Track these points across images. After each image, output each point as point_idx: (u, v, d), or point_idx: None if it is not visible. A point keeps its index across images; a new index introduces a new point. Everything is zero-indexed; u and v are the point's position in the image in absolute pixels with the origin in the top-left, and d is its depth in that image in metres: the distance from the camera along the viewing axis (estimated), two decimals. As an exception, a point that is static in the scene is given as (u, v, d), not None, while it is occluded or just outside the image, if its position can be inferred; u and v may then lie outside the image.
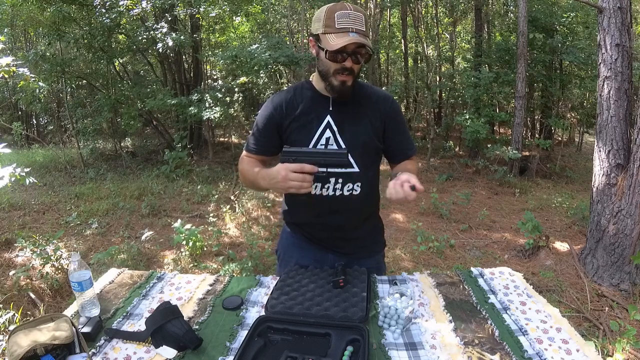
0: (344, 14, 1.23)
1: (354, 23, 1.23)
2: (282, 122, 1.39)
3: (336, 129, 1.36)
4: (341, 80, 1.28)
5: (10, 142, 9.20)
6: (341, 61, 1.27)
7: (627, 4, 3.55)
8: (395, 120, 1.43)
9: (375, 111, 1.40)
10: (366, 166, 1.40)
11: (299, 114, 1.38)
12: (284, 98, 1.41)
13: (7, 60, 3.01)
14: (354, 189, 1.39)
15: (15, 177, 2.73)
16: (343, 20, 1.23)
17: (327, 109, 1.37)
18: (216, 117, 7.39)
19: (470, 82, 8.49)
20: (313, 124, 1.37)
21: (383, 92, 1.46)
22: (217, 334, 1.15)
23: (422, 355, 1.07)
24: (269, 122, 1.40)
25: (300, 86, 1.44)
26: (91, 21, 8.00)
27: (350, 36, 1.21)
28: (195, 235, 3.98)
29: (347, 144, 1.36)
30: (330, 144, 1.36)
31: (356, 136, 1.37)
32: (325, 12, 1.25)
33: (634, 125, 3.41)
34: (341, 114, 1.37)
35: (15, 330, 1.01)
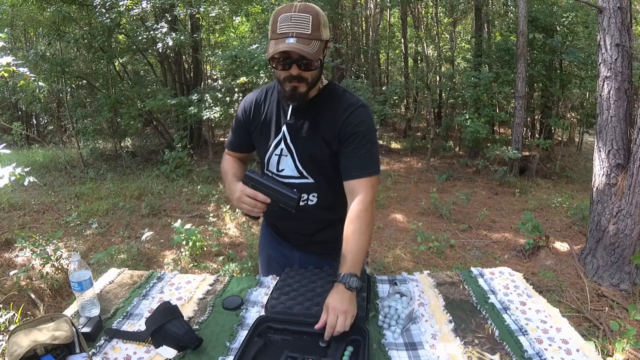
0: (285, 17, 1.14)
1: (295, 27, 1.13)
2: (249, 124, 1.41)
3: (290, 141, 1.33)
4: (292, 86, 1.21)
5: (10, 142, 9.21)
6: (284, 69, 1.19)
7: (627, 4, 3.55)
8: (349, 132, 1.26)
9: (332, 123, 1.28)
10: (321, 177, 1.34)
11: (262, 121, 1.37)
12: (253, 99, 1.40)
13: (7, 60, 3.01)
14: (309, 199, 1.37)
15: (15, 176, 2.73)
16: (284, 24, 1.14)
17: (285, 119, 1.32)
18: (216, 117, 7.39)
19: (470, 82, 8.50)
20: (271, 134, 1.36)
21: (348, 100, 1.30)
22: (217, 334, 1.15)
23: (422, 355, 1.07)
24: (239, 122, 1.43)
25: (272, 88, 1.39)
26: (91, 21, 8.00)
27: (286, 42, 1.12)
28: (195, 235, 3.98)
29: (299, 156, 1.32)
30: (285, 154, 1.34)
31: (307, 149, 1.31)
32: (272, 16, 1.18)
33: (634, 125, 3.41)
34: (297, 125, 1.32)
35: (15, 330, 1.01)
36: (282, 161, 1.34)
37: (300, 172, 1.34)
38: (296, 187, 1.33)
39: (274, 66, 1.20)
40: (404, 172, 8.46)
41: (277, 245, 1.57)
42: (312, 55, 1.13)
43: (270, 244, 1.61)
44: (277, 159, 1.35)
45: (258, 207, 1.26)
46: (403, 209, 5.84)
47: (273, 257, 1.60)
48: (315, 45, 1.15)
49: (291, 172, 1.34)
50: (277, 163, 1.35)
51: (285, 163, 1.34)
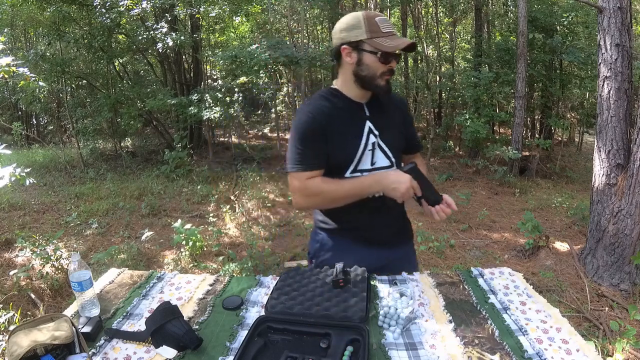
0: (383, 19, 1.31)
1: (392, 27, 1.33)
2: (326, 132, 1.37)
3: (377, 133, 1.43)
4: (387, 79, 1.37)
5: (10, 142, 9.21)
6: (389, 63, 1.34)
7: (627, 4, 3.55)
8: (408, 115, 1.58)
9: (397, 110, 1.52)
10: (397, 161, 1.51)
11: (340, 125, 1.38)
12: (319, 107, 1.39)
13: (7, 60, 3.01)
14: None
15: (15, 177, 2.73)
16: (386, 25, 1.31)
17: (365, 115, 1.44)
18: (216, 117, 7.40)
19: (470, 82, 8.49)
20: (356, 132, 1.41)
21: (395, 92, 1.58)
22: (217, 334, 1.15)
23: (422, 355, 1.07)
24: (315, 132, 1.37)
25: (330, 94, 1.43)
26: (91, 21, 8.01)
27: (402, 38, 1.31)
28: (195, 235, 3.98)
29: (388, 146, 1.45)
30: (376, 147, 1.43)
31: (393, 137, 1.47)
32: (364, 19, 1.30)
33: (634, 125, 3.41)
34: (377, 118, 1.45)
35: (15, 330, 1.01)
36: (375, 154, 1.44)
37: (390, 160, 1.46)
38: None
39: (383, 61, 1.32)
40: (404, 172, 8.44)
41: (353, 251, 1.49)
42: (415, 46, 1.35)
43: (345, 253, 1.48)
44: (371, 154, 1.42)
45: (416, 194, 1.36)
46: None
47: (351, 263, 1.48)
48: None
49: (383, 163, 1.45)
50: (372, 158, 1.43)
51: (377, 156, 1.44)
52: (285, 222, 5.22)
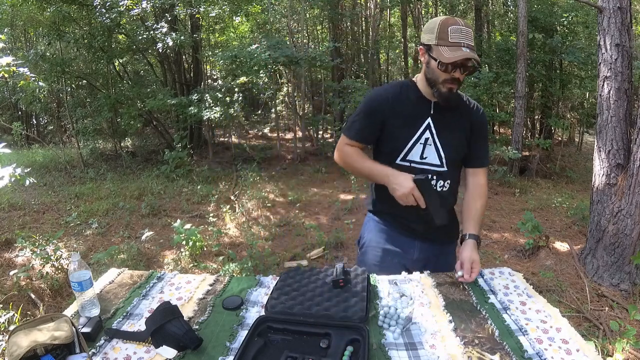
0: (456, 29, 1.35)
1: (466, 38, 1.35)
2: (388, 115, 1.52)
3: (434, 131, 1.51)
4: (448, 87, 1.42)
5: (10, 142, 9.20)
6: (452, 72, 1.39)
7: (627, 4, 3.55)
8: (479, 129, 1.56)
9: (467, 118, 1.55)
10: (454, 166, 1.56)
11: (404, 112, 1.51)
12: (392, 93, 1.53)
13: (7, 60, 3.01)
14: (444, 186, 1.55)
15: (15, 177, 2.73)
16: (456, 35, 1.35)
17: (429, 112, 1.51)
18: (216, 117, 7.40)
19: (470, 82, 8.49)
20: (415, 124, 1.51)
21: (472, 101, 1.60)
22: (217, 334, 1.15)
23: (422, 355, 1.07)
24: (376, 112, 1.53)
25: (406, 85, 1.55)
26: (91, 21, 8.01)
27: (463, 51, 1.34)
28: (195, 235, 3.98)
29: (443, 145, 1.51)
30: (429, 143, 1.51)
31: (451, 139, 1.52)
32: (438, 25, 1.37)
33: (634, 125, 3.41)
34: (440, 118, 1.51)
35: (15, 331, 1.01)
36: (426, 150, 1.51)
37: (441, 160, 1.52)
38: (436, 175, 1.53)
39: (444, 69, 1.38)
40: (404, 172, 8.44)
41: (397, 238, 1.63)
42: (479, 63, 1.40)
43: (388, 237, 1.65)
44: (422, 148, 1.51)
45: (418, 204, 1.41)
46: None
47: (392, 251, 1.63)
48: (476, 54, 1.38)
49: (434, 160, 1.52)
50: (422, 151, 1.51)
51: (429, 151, 1.51)
52: (285, 222, 5.22)
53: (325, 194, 6.53)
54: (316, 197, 6.37)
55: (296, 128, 10.49)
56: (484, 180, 1.60)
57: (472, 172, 1.61)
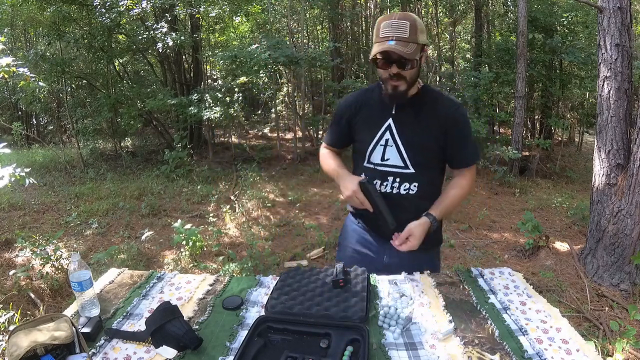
0: (387, 23, 1.32)
1: (396, 31, 1.30)
2: (353, 119, 1.55)
3: (395, 132, 1.47)
4: (392, 85, 1.38)
5: (10, 142, 9.20)
6: (384, 68, 1.36)
7: (627, 4, 3.55)
8: (454, 127, 1.47)
9: (437, 116, 1.47)
10: (422, 168, 1.48)
11: (366, 114, 1.53)
12: (358, 97, 1.57)
13: (7, 60, 3.01)
14: (410, 189, 1.49)
15: (15, 177, 2.73)
16: (385, 30, 1.32)
17: (390, 112, 1.48)
18: (216, 117, 7.39)
19: (470, 82, 8.49)
20: (376, 125, 1.50)
21: (451, 99, 1.53)
22: (217, 334, 1.15)
23: (422, 355, 1.07)
24: (341, 118, 1.59)
25: (372, 88, 1.56)
26: (91, 21, 8.01)
27: (386, 44, 1.30)
28: (195, 235, 3.98)
29: (405, 145, 1.47)
30: (390, 144, 1.48)
31: (413, 139, 1.47)
32: (376, 24, 1.37)
33: (634, 125, 3.41)
34: (402, 117, 1.47)
35: (15, 331, 1.01)
36: (387, 151, 1.48)
37: (404, 161, 1.48)
38: (399, 177, 1.49)
39: (377, 66, 1.37)
40: (404, 172, 8.44)
41: (369, 241, 1.62)
42: (408, 55, 1.30)
43: (360, 237, 1.65)
44: (382, 149, 1.49)
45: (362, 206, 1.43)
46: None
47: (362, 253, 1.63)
48: (412, 47, 1.31)
49: (395, 162, 1.48)
50: (383, 153, 1.49)
51: (390, 153, 1.48)
52: (285, 222, 5.22)
53: (325, 194, 6.52)
54: (316, 197, 6.37)
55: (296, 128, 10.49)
56: (469, 177, 1.54)
57: (457, 172, 1.57)
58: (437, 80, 11.40)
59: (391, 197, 1.49)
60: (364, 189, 1.41)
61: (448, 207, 1.50)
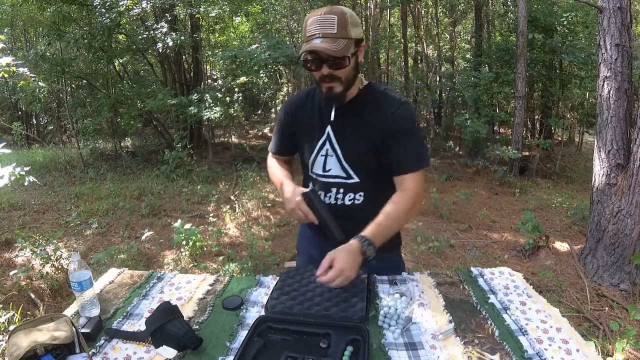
0: (314, 19, 1.20)
1: (322, 27, 1.18)
2: (294, 125, 1.44)
3: (335, 141, 1.35)
4: (327, 87, 1.25)
5: (10, 142, 9.20)
6: (316, 70, 1.24)
7: (627, 4, 3.55)
8: (394, 127, 1.29)
9: (377, 120, 1.31)
10: (367, 177, 1.35)
11: (305, 122, 1.41)
12: (296, 102, 1.45)
13: (7, 60, 3.01)
14: (356, 199, 1.38)
15: (15, 176, 2.73)
16: (312, 27, 1.19)
17: (329, 119, 1.35)
18: (216, 117, 7.40)
19: (470, 82, 8.49)
20: (316, 134, 1.38)
21: (393, 98, 1.34)
22: (217, 334, 1.15)
23: (422, 355, 1.07)
24: (283, 126, 1.47)
25: (314, 91, 1.43)
26: (91, 21, 8.01)
27: (312, 43, 1.18)
28: (195, 235, 3.98)
29: (345, 154, 1.34)
30: (330, 154, 1.36)
31: (353, 148, 1.34)
32: (304, 22, 1.24)
33: (634, 125, 3.41)
34: (342, 124, 1.34)
35: (15, 331, 1.01)
36: (328, 161, 1.37)
37: (346, 171, 1.35)
38: (343, 187, 1.37)
39: (307, 68, 1.26)
40: (404, 172, 8.44)
41: (320, 244, 1.48)
42: (336, 52, 1.17)
43: (311, 243, 1.56)
44: (323, 160, 1.37)
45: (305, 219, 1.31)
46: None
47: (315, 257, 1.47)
48: (342, 43, 1.18)
49: (338, 172, 1.36)
50: (324, 164, 1.37)
51: (331, 163, 1.37)
52: (285, 222, 5.22)
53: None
54: (316, 197, 6.36)
55: (296, 128, 10.48)
56: (409, 190, 1.29)
57: (397, 180, 1.32)
58: (437, 80, 11.40)
59: (336, 209, 1.37)
60: (307, 200, 1.30)
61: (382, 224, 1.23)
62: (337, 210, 1.37)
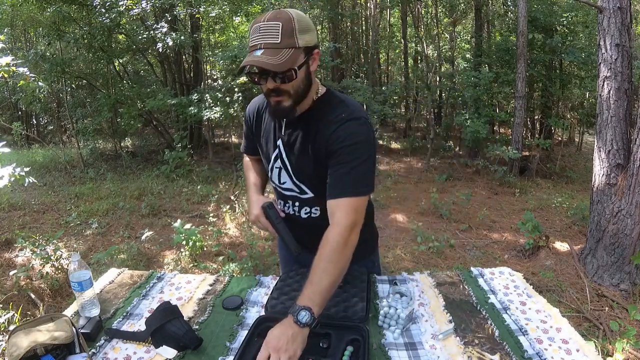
0: (256, 27, 1.06)
1: (264, 37, 1.04)
2: (253, 131, 1.38)
3: (284, 154, 1.27)
4: (275, 101, 1.13)
5: (10, 142, 9.19)
6: (261, 83, 1.11)
7: (627, 4, 3.55)
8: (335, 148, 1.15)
9: (321, 136, 1.18)
10: (322, 192, 1.20)
11: (263, 130, 1.34)
12: (256, 106, 1.36)
13: (7, 60, 3.01)
14: (312, 212, 1.32)
15: (15, 177, 2.73)
16: (254, 36, 1.06)
17: (280, 133, 1.26)
18: (216, 117, 7.39)
19: (470, 82, 8.49)
20: (270, 145, 1.31)
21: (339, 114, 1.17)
22: (217, 334, 1.15)
23: (422, 355, 1.07)
24: (247, 124, 1.41)
25: None
26: (91, 21, 8.00)
27: (252, 55, 1.04)
28: (195, 235, 3.98)
29: (294, 172, 1.27)
30: (282, 169, 1.30)
31: (300, 165, 1.25)
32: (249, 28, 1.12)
33: (634, 125, 3.41)
34: (290, 140, 1.25)
35: (15, 331, 1.01)
36: (282, 174, 1.31)
37: (299, 187, 1.29)
38: (298, 201, 1.32)
39: (252, 81, 1.13)
40: (403, 172, 8.46)
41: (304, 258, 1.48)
42: (277, 66, 1.03)
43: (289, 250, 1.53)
44: (277, 172, 1.31)
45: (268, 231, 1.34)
46: (403, 209, 5.84)
47: (289, 259, 1.54)
48: (286, 54, 1.04)
49: (291, 186, 1.30)
50: (279, 176, 1.31)
51: (284, 177, 1.30)
52: (285, 222, 5.21)
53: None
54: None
55: (296, 128, 10.48)
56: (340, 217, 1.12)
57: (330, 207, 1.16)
58: (437, 80, 11.41)
59: (293, 220, 1.34)
60: (266, 213, 1.32)
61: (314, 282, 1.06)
62: (296, 221, 1.35)
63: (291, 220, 1.34)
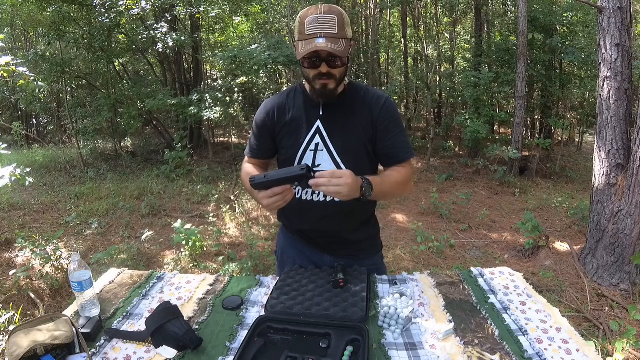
0: (313, 19, 1.21)
1: (324, 27, 1.20)
2: (274, 127, 1.41)
3: (326, 134, 1.35)
4: (322, 84, 1.27)
5: (10, 142, 9.20)
6: (314, 67, 1.25)
7: (627, 4, 3.55)
8: (387, 121, 1.35)
9: (367, 114, 1.35)
10: (357, 171, 1.26)
11: (290, 120, 1.39)
12: (276, 103, 1.42)
13: (7, 60, 3.01)
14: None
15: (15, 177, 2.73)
16: (312, 26, 1.21)
17: (318, 113, 1.36)
18: (216, 117, 7.39)
19: (470, 82, 8.49)
20: (303, 129, 1.37)
21: (377, 93, 1.40)
22: (217, 334, 1.15)
23: (422, 355, 1.07)
24: (263, 127, 1.43)
25: (294, 90, 1.44)
26: (91, 21, 8.00)
27: (316, 42, 1.19)
28: (195, 235, 3.98)
29: (337, 149, 1.35)
30: (320, 149, 1.35)
31: (346, 141, 1.35)
32: (298, 19, 1.25)
33: (634, 125, 3.41)
34: (331, 118, 1.36)
35: (15, 331, 1.01)
36: (318, 156, 1.36)
37: (337, 165, 1.35)
38: None
39: (305, 66, 1.26)
40: (404, 172, 8.44)
41: (306, 251, 1.53)
42: (341, 52, 1.21)
43: (298, 252, 1.55)
44: (312, 155, 1.36)
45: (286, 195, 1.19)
46: (403, 209, 5.84)
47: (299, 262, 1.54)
48: (343, 43, 1.22)
49: (328, 166, 1.35)
50: (314, 158, 1.36)
51: (321, 158, 1.36)
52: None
53: (325, 194, 6.52)
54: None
55: (296, 128, 10.48)
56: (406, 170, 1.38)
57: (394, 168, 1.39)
58: (437, 80, 11.41)
59: (325, 206, 1.37)
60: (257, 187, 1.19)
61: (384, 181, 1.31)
62: (325, 206, 1.37)
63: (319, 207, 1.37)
